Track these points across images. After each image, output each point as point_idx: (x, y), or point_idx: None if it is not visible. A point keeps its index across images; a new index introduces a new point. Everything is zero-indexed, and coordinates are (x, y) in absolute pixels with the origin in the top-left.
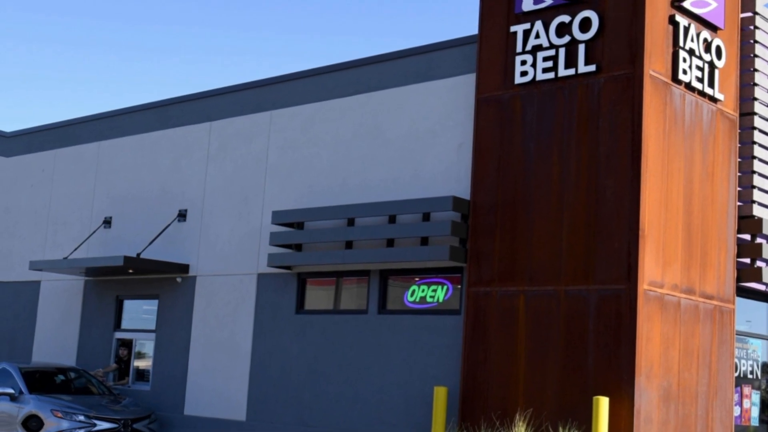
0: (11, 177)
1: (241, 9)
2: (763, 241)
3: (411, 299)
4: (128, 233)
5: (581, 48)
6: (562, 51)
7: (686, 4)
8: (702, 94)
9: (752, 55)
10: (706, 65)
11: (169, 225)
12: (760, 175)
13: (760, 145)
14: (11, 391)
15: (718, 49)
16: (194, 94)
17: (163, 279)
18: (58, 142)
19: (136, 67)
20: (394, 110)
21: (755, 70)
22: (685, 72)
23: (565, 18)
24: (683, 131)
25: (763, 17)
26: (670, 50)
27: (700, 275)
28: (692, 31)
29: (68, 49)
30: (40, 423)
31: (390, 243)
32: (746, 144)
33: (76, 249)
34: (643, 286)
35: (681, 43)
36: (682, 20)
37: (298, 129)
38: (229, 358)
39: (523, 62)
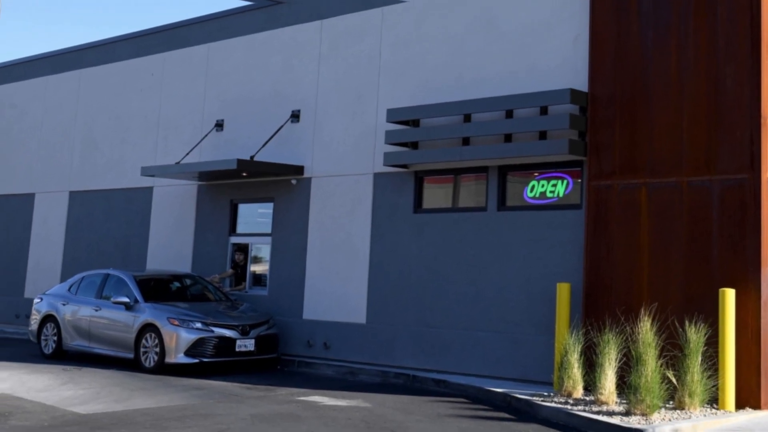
0: (120, 82)
1: None
2: None
3: (530, 195)
4: (241, 136)
5: None
6: None
7: None
8: None
9: None
10: None
11: (282, 126)
12: None
13: None
14: (126, 300)
15: None
16: None
17: (277, 181)
18: (167, 45)
19: None
20: (508, 3)
21: None
22: None
23: None
24: None
25: None
26: None
27: None
28: None
29: None
30: (157, 331)
31: (508, 138)
32: None
33: (188, 153)
34: (766, 174)
35: None
36: None
37: (410, 25)
38: (346, 261)
39: None
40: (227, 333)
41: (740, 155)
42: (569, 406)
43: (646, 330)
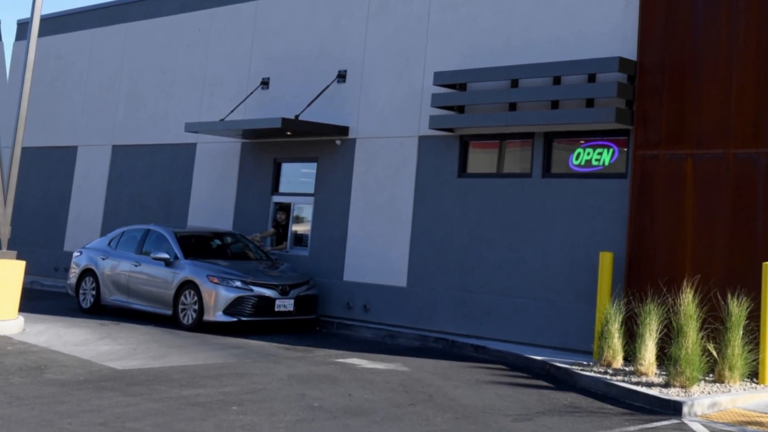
0: (167, 37)
1: None
2: None
3: (576, 162)
4: (286, 94)
5: None
6: None
7: None
8: None
9: None
10: None
11: (328, 86)
12: None
13: None
14: (166, 256)
15: None
16: None
17: (322, 141)
18: (215, 1)
19: None
20: None
21: None
22: None
23: None
24: None
25: None
26: None
27: None
28: None
29: None
30: (196, 289)
31: (554, 105)
32: None
33: (232, 111)
34: None
35: None
36: None
37: None
38: (389, 223)
39: None
40: (266, 292)
41: None
42: (608, 376)
43: (688, 302)
